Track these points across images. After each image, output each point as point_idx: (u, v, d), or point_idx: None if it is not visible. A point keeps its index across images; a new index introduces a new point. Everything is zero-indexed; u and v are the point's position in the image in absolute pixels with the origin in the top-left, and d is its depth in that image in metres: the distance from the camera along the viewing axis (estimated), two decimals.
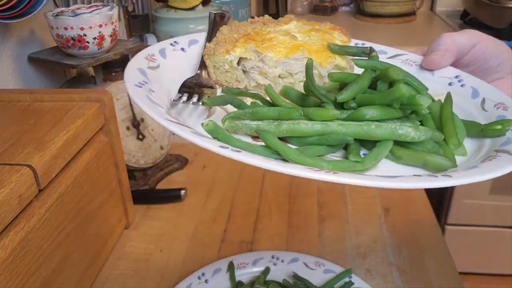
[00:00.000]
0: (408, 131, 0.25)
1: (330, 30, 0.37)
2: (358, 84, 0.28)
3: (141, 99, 0.28)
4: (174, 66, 0.35)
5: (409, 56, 0.40)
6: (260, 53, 0.33)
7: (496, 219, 1.41)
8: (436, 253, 0.54)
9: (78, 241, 0.46)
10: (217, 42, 0.35)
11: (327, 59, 0.32)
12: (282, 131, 0.26)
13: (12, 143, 0.42)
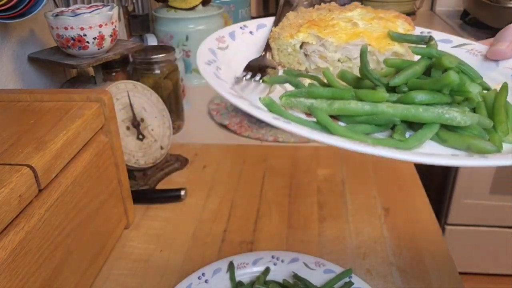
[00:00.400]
0: (455, 116, 0.26)
1: (393, 18, 0.38)
2: (411, 70, 0.29)
3: (208, 75, 0.31)
4: (242, 48, 0.38)
5: (474, 46, 0.39)
6: (321, 38, 0.34)
7: (496, 219, 1.41)
8: (436, 253, 0.54)
9: (78, 241, 0.46)
10: (283, 26, 0.37)
11: (385, 46, 0.33)
12: (333, 109, 0.28)
13: (12, 143, 0.42)
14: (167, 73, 0.80)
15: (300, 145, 0.80)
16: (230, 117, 0.90)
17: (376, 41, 0.34)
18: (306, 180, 0.70)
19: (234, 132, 0.85)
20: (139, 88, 0.68)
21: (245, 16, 1.28)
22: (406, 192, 0.66)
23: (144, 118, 0.69)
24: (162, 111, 0.72)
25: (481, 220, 1.42)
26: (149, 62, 0.78)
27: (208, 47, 0.36)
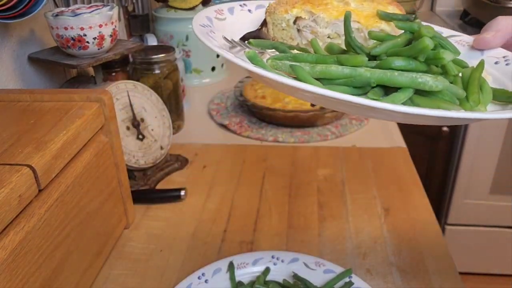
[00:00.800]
0: (427, 80, 0.27)
1: (385, 3, 0.39)
2: (393, 42, 0.31)
3: (201, 33, 0.32)
4: (239, 22, 0.39)
5: (463, 38, 0.41)
6: (313, 13, 0.36)
7: (496, 219, 1.41)
8: (436, 253, 0.54)
9: (78, 241, 0.46)
10: (279, 2, 0.38)
11: (373, 24, 0.35)
12: (315, 72, 0.29)
13: (12, 143, 0.42)
14: (167, 73, 0.80)
15: (300, 145, 0.80)
16: (230, 117, 0.90)
17: (365, 19, 0.35)
18: (306, 180, 0.70)
19: (234, 132, 0.85)
20: (139, 88, 0.68)
21: None
22: (406, 192, 0.66)
23: (144, 118, 0.69)
24: (162, 111, 0.72)
25: (481, 220, 1.42)
26: (149, 62, 0.78)
27: (206, 15, 0.37)
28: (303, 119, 0.83)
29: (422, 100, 0.28)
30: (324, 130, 0.84)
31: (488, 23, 0.39)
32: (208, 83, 1.10)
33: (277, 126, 0.86)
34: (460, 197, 1.40)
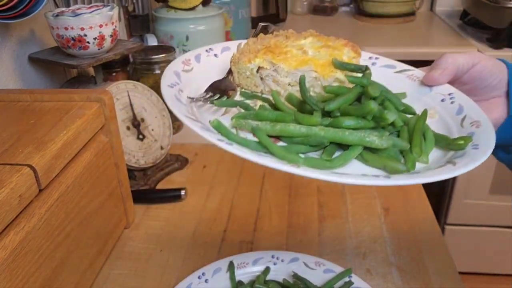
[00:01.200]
0: (374, 139, 0.31)
1: (341, 47, 0.42)
2: (344, 98, 0.34)
3: (169, 97, 0.34)
4: (206, 70, 0.42)
5: (414, 72, 0.44)
6: (274, 64, 0.39)
7: (496, 219, 1.41)
8: (436, 253, 0.54)
9: (79, 240, 0.46)
10: (243, 52, 0.41)
11: (329, 73, 0.38)
12: (275, 130, 0.32)
13: (13, 143, 0.42)
14: None
15: None
16: None
17: (321, 68, 0.38)
18: (306, 180, 0.70)
19: None
20: (139, 88, 0.68)
21: (245, 16, 1.28)
22: (406, 192, 0.66)
23: (144, 118, 0.69)
24: (162, 111, 0.72)
25: (481, 220, 1.42)
26: (149, 62, 0.78)
27: (173, 70, 0.39)
28: None
29: (371, 156, 0.31)
30: None
31: (436, 60, 0.42)
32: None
33: None
34: (460, 197, 1.40)
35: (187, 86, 0.38)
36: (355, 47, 0.42)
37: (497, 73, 0.42)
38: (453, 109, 0.38)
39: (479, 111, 0.37)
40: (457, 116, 0.37)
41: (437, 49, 1.31)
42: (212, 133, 0.31)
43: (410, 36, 1.46)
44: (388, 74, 0.44)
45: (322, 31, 0.46)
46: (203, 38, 1.04)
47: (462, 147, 0.32)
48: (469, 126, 0.35)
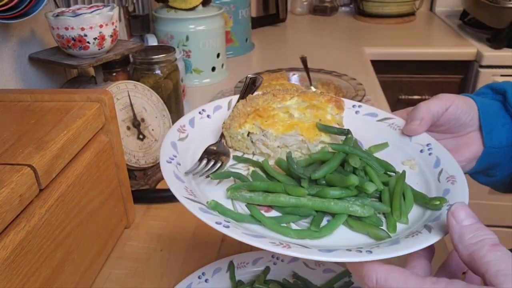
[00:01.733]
0: (357, 209, 0.34)
1: (325, 104, 0.44)
2: (328, 166, 0.37)
3: (168, 175, 0.36)
4: (200, 134, 0.44)
5: (395, 121, 0.46)
6: (263, 129, 0.42)
7: (496, 219, 1.41)
8: (436, 253, 0.54)
9: (79, 240, 0.47)
10: (233, 117, 0.43)
11: (314, 136, 0.41)
12: (267, 201, 0.36)
13: (13, 143, 0.42)
14: (168, 73, 0.80)
15: None
16: None
17: (307, 132, 0.41)
18: None
19: None
20: (140, 88, 0.69)
21: (245, 16, 1.28)
22: None
23: (144, 118, 0.69)
24: (162, 111, 0.72)
25: (481, 220, 1.42)
26: (150, 63, 0.78)
27: (170, 141, 0.41)
28: None
29: (355, 223, 0.34)
30: None
31: (412, 111, 0.45)
32: (208, 83, 1.10)
33: None
34: None
35: (184, 156, 0.40)
36: (338, 102, 0.45)
37: (468, 111, 0.45)
38: (431, 161, 0.41)
39: (454, 164, 0.39)
40: (435, 169, 0.40)
41: (437, 49, 1.31)
42: (210, 214, 0.35)
43: (410, 36, 1.46)
44: (371, 123, 0.47)
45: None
46: (203, 38, 1.04)
47: (438, 207, 0.35)
48: (445, 181, 0.38)
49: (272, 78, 0.99)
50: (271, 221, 0.34)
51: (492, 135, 0.46)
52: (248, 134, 0.42)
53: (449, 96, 0.45)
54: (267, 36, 1.51)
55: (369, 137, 0.45)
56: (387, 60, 1.31)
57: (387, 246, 0.31)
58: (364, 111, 0.48)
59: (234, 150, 0.44)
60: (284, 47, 1.39)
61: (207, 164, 0.40)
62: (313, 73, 0.99)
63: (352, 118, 0.47)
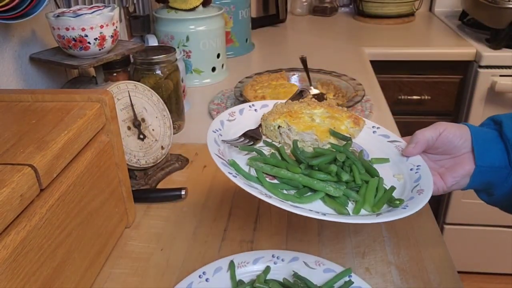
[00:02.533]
0: (331, 189, 0.46)
1: (344, 118, 0.56)
2: (324, 158, 0.49)
3: (209, 139, 0.50)
4: (244, 122, 0.57)
5: (401, 144, 0.57)
6: (289, 125, 0.54)
7: (495, 219, 1.41)
8: (435, 253, 0.54)
9: (79, 240, 0.47)
10: (271, 112, 0.56)
11: (324, 138, 0.53)
12: (272, 172, 0.48)
13: (14, 143, 0.42)
14: (168, 74, 0.80)
15: None
16: None
17: (320, 134, 0.53)
18: None
19: None
20: (140, 89, 0.69)
21: (245, 17, 1.29)
22: None
23: (145, 118, 0.69)
24: (162, 111, 0.72)
25: (480, 220, 1.43)
26: (150, 63, 0.78)
27: (220, 120, 0.55)
28: None
29: (328, 199, 0.46)
30: None
31: (412, 136, 0.55)
32: (208, 84, 1.10)
33: None
34: (459, 197, 1.40)
35: (227, 132, 0.53)
36: (357, 119, 0.56)
37: (461, 135, 0.53)
38: (414, 177, 0.51)
39: (430, 183, 0.49)
40: (414, 183, 0.50)
41: (437, 49, 1.32)
42: (227, 167, 0.45)
43: (409, 36, 1.47)
44: (383, 142, 0.58)
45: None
46: (204, 39, 1.05)
47: (397, 205, 0.45)
48: (415, 192, 0.48)
49: (272, 78, 0.99)
50: (269, 184, 0.45)
51: (485, 156, 0.52)
52: (278, 127, 0.54)
53: (444, 123, 0.53)
54: (267, 37, 1.51)
55: (377, 152, 0.56)
56: (386, 60, 1.31)
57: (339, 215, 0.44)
58: (380, 132, 0.59)
59: (267, 138, 0.56)
60: (284, 48, 1.39)
61: (242, 141, 0.52)
62: (312, 73, 0.99)
63: (370, 136, 0.58)
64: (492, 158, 0.52)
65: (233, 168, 0.46)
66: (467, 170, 0.53)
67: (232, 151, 0.51)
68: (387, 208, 0.46)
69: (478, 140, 0.52)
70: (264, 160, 0.48)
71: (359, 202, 0.46)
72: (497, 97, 1.26)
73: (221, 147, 0.50)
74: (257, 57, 1.32)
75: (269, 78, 0.99)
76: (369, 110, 0.91)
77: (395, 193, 0.49)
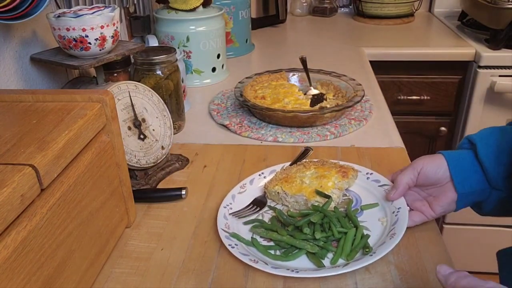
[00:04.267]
0: (308, 247, 0.53)
1: (332, 174, 0.64)
2: (308, 218, 0.57)
3: (219, 215, 0.59)
4: (253, 192, 0.66)
5: (388, 187, 0.62)
6: (284, 190, 0.63)
7: (494, 219, 1.41)
8: (434, 252, 0.54)
9: (80, 240, 0.47)
10: (271, 180, 0.65)
11: (312, 198, 0.61)
12: (267, 235, 0.56)
13: (15, 143, 0.42)
14: (168, 74, 0.80)
15: (299, 145, 0.80)
16: (230, 117, 0.90)
17: (309, 194, 0.61)
18: None
19: (234, 132, 0.85)
20: (140, 89, 0.69)
21: (245, 17, 1.29)
22: None
23: (145, 118, 0.69)
24: (163, 112, 0.72)
25: (479, 220, 1.42)
26: (150, 63, 0.78)
27: (232, 194, 0.64)
28: (303, 119, 0.83)
29: (310, 255, 0.53)
30: (323, 130, 0.84)
31: (395, 180, 0.60)
32: (208, 84, 1.10)
33: (277, 126, 0.86)
34: None
35: (238, 203, 0.63)
36: (345, 172, 0.64)
37: (437, 170, 0.56)
38: (393, 220, 0.57)
39: (403, 227, 0.54)
40: (391, 227, 0.55)
41: (436, 49, 1.32)
42: (229, 240, 0.55)
43: (409, 37, 1.47)
44: (374, 186, 0.64)
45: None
46: (204, 39, 1.05)
47: (367, 253, 0.52)
48: (388, 237, 0.53)
49: (272, 78, 0.99)
50: (263, 248, 0.55)
51: (464, 184, 0.55)
52: (278, 192, 0.63)
53: (421, 161, 0.57)
54: (267, 37, 1.51)
55: (369, 196, 0.63)
56: (386, 61, 1.31)
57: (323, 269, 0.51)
58: (372, 178, 0.65)
59: (272, 201, 0.65)
60: (284, 48, 1.40)
61: (250, 209, 0.62)
62: (312, 74, 0.99)
63: (363, 182, 0.65)
64: (471, 184, 0.55)
65: (235, 238, 0.55)
66: (451, 197, 0.56)
67: (238, 222, 0.60)
68: (360, 255, 0.53)
69: (456, 169, 0.56)
70: (262, 226, 0.58)
71: (337, 253, 0.53)
72: (496, 97, 1.26)
73: (229, 220, 0.59)
74: (257, 58, 1.32)
75: (269, 78, 0.99)
76: (369, 110, 0.91)
77: (375, 237, 0.55)
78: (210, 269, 0.53)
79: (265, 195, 0.65)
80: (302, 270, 0.50)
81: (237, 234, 0.56)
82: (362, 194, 0.64)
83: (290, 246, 0.54)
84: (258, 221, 0.60)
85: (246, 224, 0.59)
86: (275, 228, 0.57)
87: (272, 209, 0.62)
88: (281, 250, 0.55)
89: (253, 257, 0.52)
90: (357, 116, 0.89)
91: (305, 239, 0.54)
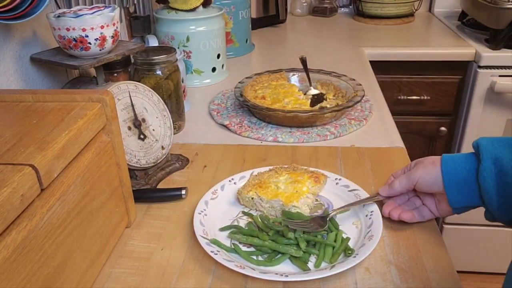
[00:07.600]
0: (292, 251, 0.53)
1: (305, 179, 0.64)
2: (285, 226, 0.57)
3: (195, 221, 0.58)
4: (226, 197, 0.65)
5: (359, 192, 0.63)
6: (259, 195, 0.62)
7: None
8: (434, 252, 0.54)
9: (80, 239, 0.47)
10: (244, 186, 0.64)
11: (288, 203, 0.61)
12: (248, 241, 0.56)
13: (15, 143, 0.42)
14: (168, 74, 0.80)
15: (299, 145, 0.80)
16: (230, 117, 0.90)
17: (285, 199, 0.61)
18: None
19: (234, 132, 0.85)
20: (140, 89, 0.69)
21: (245, 17, 1.29)
22: None
23: (145, 118, 0.69)
24: (163, 112, 0.72)
25: (479, 220, 1.42)
26: (150, 63, 0.78)
27: (204, 200, 0.63)
28: (303, 119, 0.83)
29: (294, 259, 0.53)
30: (324, 130, 0.84)
31: (390, 184, 0.60)
32: (208, 84, 1.10)
33: (277, 126, 0.86)
34: None
35: (211, 210, 0.62)
36: (317, 177, 0.65)
37: (432, 184, 0.55)
38: (368, 223, 0.58)
39: (379, 229, 0.55)
40: (367, 229, 0.57)
41: (436, 49, 1.32)
42: (210, 246, 0.54)
43: (409, 37, 1.47)
44: (344, 191, 0.65)
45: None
46: (204, 39, 1.05)
47: (350, 255, 0.52)
48: (367, 239, 0.54)
49: (272, 78, 0.99)
50: (244, 254, 0.54)
51: (457, 200, 0.54)
52: (252, 198, 0.62)
53: (417, 173, 0.56)
54: (267, 37, 1.51)
55: (339, 201, 0.63)
56: (386, 61, 1.31)
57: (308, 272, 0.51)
58: (341, 183, 0.66)
59: (245, 207, 0.64)
60: (284, 48, 1.40)
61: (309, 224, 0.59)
62: (312, 74, 0.99)
63: (333, 187, 0.66)
64: (464, 200, 0.54)
65: (215, 245, 0.54)
66: (445, 208, 0.57)
67: (216, 227, 0.59)
68: (342, 258, 0.53)
69: (450, 183, 0.53)
70: (240, 231, 0.58)
71: (320, 256, 0.53)
72: (496, 97, 1.26)
73: (205, 226, 0.58)
74: (257, 58, 1.32)
75: (269, 78, 0.99)
76: (369, 110, 0.91)
77: (352, 240, 0.56)
78: (210, 269, 0.53)
79: (239, 200, 0.64)
80: (291, 274, 0.50)
81: (217, 241, 0.55)
82: (332, 199, 0.64)
83: (272, 251, 0.54)
84: (235, 227, 0.59)
85: (222, 230, 0.59)
86: (255, 234, 0.56)
87: (247, 214, 0.62)
88: (263, 256, 0.55)
89: (238, 263, 0.52)
90: (357, 116, 0.89)
91: (288, 243, 0.54)
